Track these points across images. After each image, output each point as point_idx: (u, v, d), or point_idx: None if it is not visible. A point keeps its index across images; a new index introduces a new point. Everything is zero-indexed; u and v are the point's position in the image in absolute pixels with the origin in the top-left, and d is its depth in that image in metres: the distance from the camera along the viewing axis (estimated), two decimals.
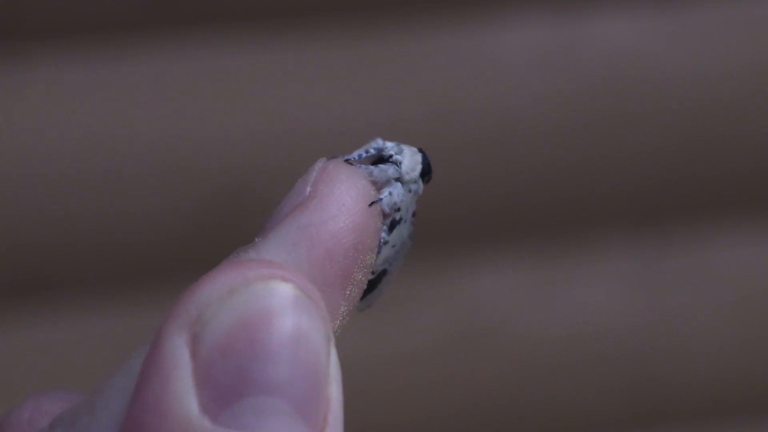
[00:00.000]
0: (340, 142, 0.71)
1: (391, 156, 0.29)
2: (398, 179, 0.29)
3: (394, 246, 0.29)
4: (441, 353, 0.75)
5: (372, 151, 0.29)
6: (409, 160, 0.29)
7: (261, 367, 0.23)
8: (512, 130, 0.73)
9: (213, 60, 0.70)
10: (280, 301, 0.23)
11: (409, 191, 0.29)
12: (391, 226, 0.28)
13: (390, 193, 0.28)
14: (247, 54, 0.71)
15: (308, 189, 0.26)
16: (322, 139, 0.71)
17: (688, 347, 0.77)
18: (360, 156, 0.29)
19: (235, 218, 0.71)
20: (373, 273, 0.28)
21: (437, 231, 0.73)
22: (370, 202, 0.27)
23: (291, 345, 0.23)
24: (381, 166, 0.28)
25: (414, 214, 0.29)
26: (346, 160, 0.28)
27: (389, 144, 0.29)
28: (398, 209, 0.28)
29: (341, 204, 0.26)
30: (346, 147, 0.75)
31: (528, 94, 0.73)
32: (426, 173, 0.29)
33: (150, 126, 0.70)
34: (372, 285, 0.29)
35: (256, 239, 0.26)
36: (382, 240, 0.28)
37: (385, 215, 0.28)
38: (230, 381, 0.22)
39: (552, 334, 0.76)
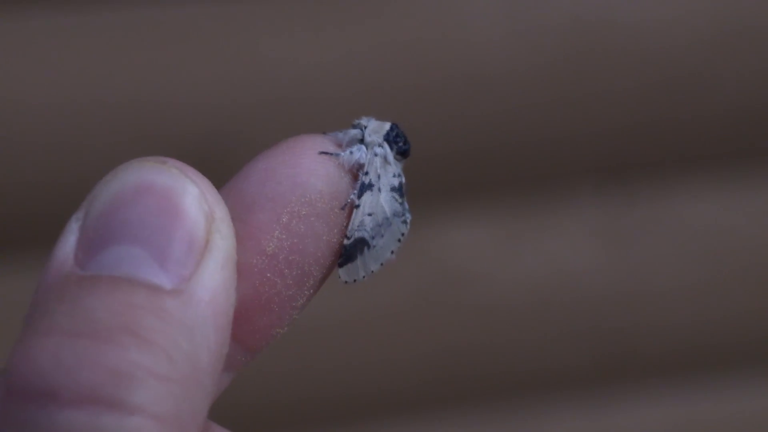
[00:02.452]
0: (318, 87, 0.71)
1: (358, 123, 0.32)
2: (361, 140, 0.31)
3: (371, 215, 0.31)
4: (414, 304, 0.76)
5: (351, 127, 0.32)
6: (375, 126, 0.32)
7: (124, 222, 0.26)
8: (479, 85, 0.73)
9: (195, 7, 0.70)
10: (152, 173, 0.27)
11: (375, 155, 0.31)
12: (361, 190, 0.31)
13: (351, 152, 0.31)
14: (229, 2, 0.70)
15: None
16: (302, 86, 0.71)
17: (653, 297, 0.78)
18: (339, 131, 0.32)
19: (220, 162, 0.71)
20: (347, 238, 0.31)
21: (409, 185, 0.74)
22: (320, 151, 0.30)
23: (156, 205, 0.26)
24: (346, 131, 0.31)
25: (398, 191, 0.32)
26: (323, 133, 0.31)
27: (364, 118, 0.32)
28: (366, 173, 0.31)
29: (287, 147, 0.30)
30: (320, 100, 0.75)
31: (493, 49, 0.73)
32: (394, 141, 0.32)
33: (125, 74, 0.70)
34: (349, 254, 0.31)
35: None
36: (350, 200, 0.30)
37: (355, 178, 0.31)
38: (98, 236, 0.26)
39: (522, 285, 0.77)
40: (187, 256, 0.26)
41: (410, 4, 0.72)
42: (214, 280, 0.26)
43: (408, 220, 0.32)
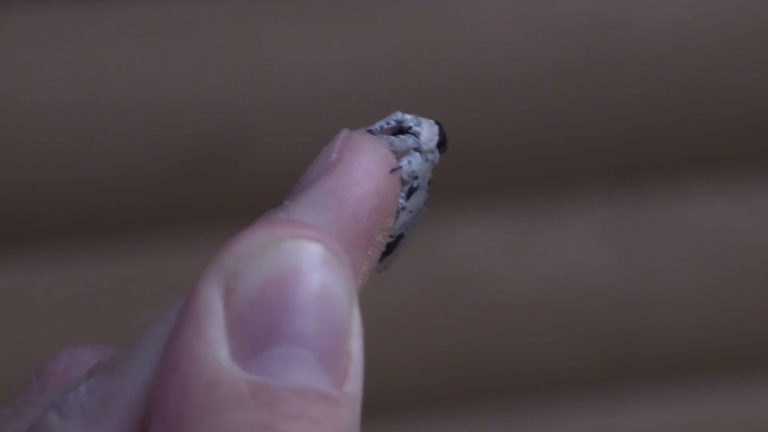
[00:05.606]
0: (323, 93, 0.71)
1: (410, 128, 0.31)
2: (417, 149, 0.31)
3: (411, 212, 0.31)
4: (420, 303, 0.76)
5: (392, 123, 0.31)
6: (428, 131, 0.31)
7: (289, 319, 0.24)
8: (491, 84, 0.73)
9: (204, 4, 0.70)
10: (310, 259, 0.25)
11: (426, 160, 0.31)
12: (409, 193, 0.31)
13: (409, 162, 0.30)
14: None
15: (334, 156, 0.28)
16: (305, 90, 0.71)
17: (662, 299, 0.78)
18: (381, 127, 0.31)
19: (229, 160, 0.71)
20: (391, 237, 0.31)
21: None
22: (391, 169, 0.29)
23: (317, 301, 0.24)
24: (401, 136, 0.31)
25: (430, 182, 0.32)
26: (369, 131, 0.30)
27: (408, 116, 0.31)
28: (416, 177, 0.31)
29: (366, 170, 0.28)
30: (328, 98, 0.75)
31: (506, 48, 0.73)
32: (442, 144, 0.32)
33: (131, 71, 0.70)
34: (390, 248, 0.31)
35: (285, 202, 0.28)
36: (400, 206, 0.30)
37: (403, 182, 0.30)
38: (259, 331, 0.24)
39: (529, 285, 0.77)
40: (342, 352, 0.25)
41: (422, 3, 0.72)
42: (359, 371, 0.25)
43: (428, 203, 0.32)
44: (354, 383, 0.25)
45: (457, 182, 0.75)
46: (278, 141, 0.71)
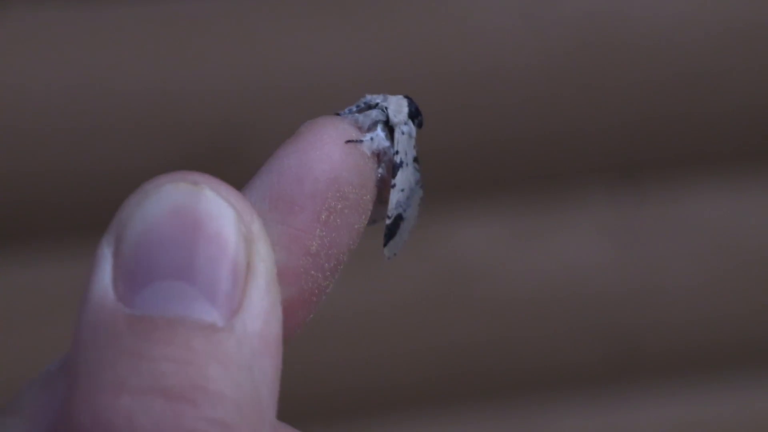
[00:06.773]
0: (327, 86, 0.71)
1: (377, 104, 0.32)
2: (386, 122, 0.32)
3: (403, 190, 0.32)
4: (422, 300, 0.76)
5: (361, 104, 0.32)
6: (395, 104, 0.32)
7: (167, 254, 0.25)
8: (492, 82, 0.73)
9: (201, 4, 0.70)
10: (187, 197, 0.26)
11: (402, 133, 0.32)
12: (394, 170, 0.32)
13: (371, 139, 0.31)
14: None
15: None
16: (309, 82, 0.71)
17: (663, 296, 0.78)
18: (350, 110, 0.32)
19: (233, 151, 0.71)
20: (389, 217, 0.32)
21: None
22: (346, 140, 0.30)
23: (195, 234, 0.25)
24: (366, 112, 0.32)
25: (416, 160, 0.33)
26: (336, 113, 0.31)
27: (375, 96, 0.32)
28: (396, 152, 0.31)
29: (315, 139, 0.29)
30: (332, 90, 0.75)
31: (507, 46, 0.72)
32: (414, 116, 0.33)
33: (135, 67, 0.70)
34: (391, 231, 0.32)
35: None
36: (376, 180, 0.31)
37: (377, 158, 0.31)
38: (142, 269, 0.25)
39: (530, 284, 0.77)
40: (233, 287, 0.25)
41: (420, 4, 0.72)
42: (261, 307, 0.25)
43: (423, 185, 0.33)
44: (249, 321, 0.25)
45: (459, 180, 0.75)
46: (284, 134, 0.71)
